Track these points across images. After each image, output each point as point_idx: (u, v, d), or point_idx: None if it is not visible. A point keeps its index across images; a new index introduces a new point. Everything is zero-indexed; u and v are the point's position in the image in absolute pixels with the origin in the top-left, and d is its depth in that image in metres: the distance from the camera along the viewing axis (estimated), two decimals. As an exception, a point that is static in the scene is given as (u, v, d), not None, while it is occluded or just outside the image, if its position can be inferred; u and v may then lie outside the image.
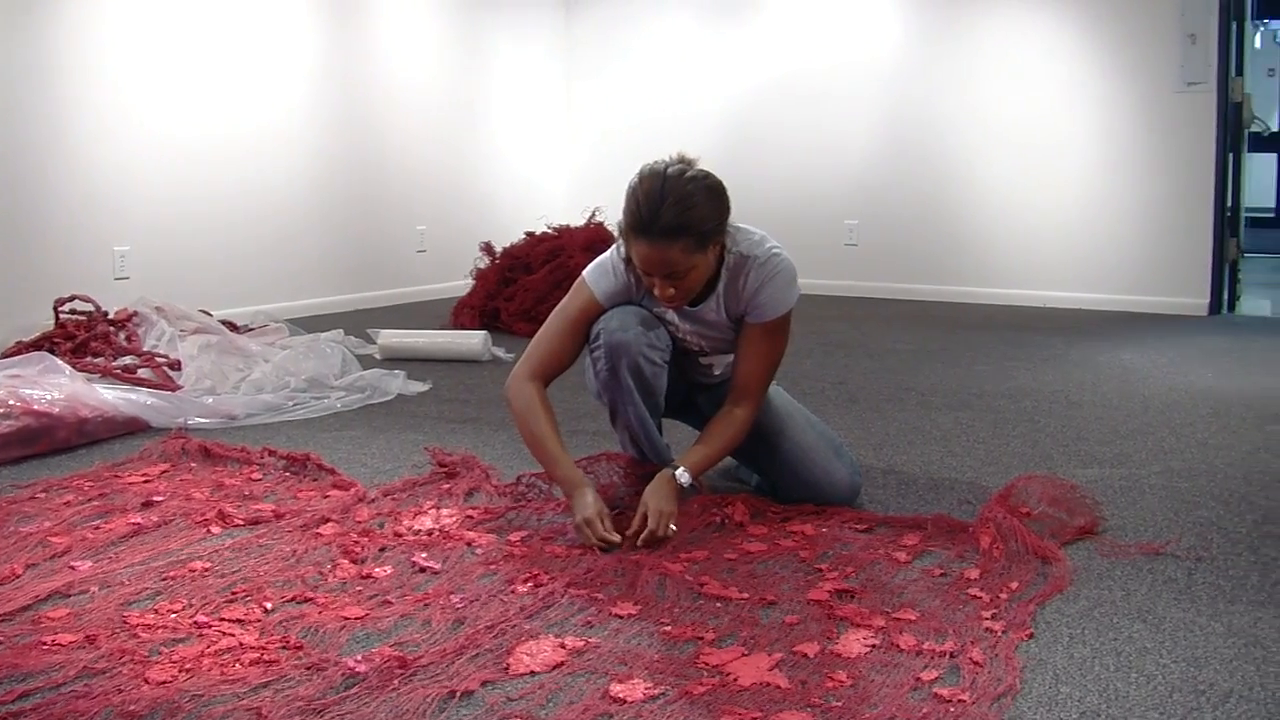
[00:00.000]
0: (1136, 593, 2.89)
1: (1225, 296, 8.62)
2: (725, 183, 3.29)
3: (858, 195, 9.44)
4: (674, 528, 3.21)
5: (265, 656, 2.44)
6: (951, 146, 9.11)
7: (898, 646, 2.52)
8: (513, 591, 2.83)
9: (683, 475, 3.31)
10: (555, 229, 7.87)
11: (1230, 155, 8.55)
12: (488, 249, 7.90)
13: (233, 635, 2.55)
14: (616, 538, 3.14)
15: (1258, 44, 13.08)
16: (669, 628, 2.62)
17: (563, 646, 2.50)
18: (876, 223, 9.40)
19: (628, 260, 3.33)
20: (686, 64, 9.98)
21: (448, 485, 3.76)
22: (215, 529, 3.34)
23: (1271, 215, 13.29)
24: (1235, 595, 2.89)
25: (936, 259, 9.21)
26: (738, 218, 3.37)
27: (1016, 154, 8.89)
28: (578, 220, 7.94)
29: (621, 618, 2.69)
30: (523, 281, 7.49)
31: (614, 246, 3.42)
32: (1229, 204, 8.57)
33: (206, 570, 2.98)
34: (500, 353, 6.27)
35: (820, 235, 9.43)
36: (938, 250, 9.20)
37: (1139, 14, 8.50)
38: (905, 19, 9.23)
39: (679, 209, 3.13)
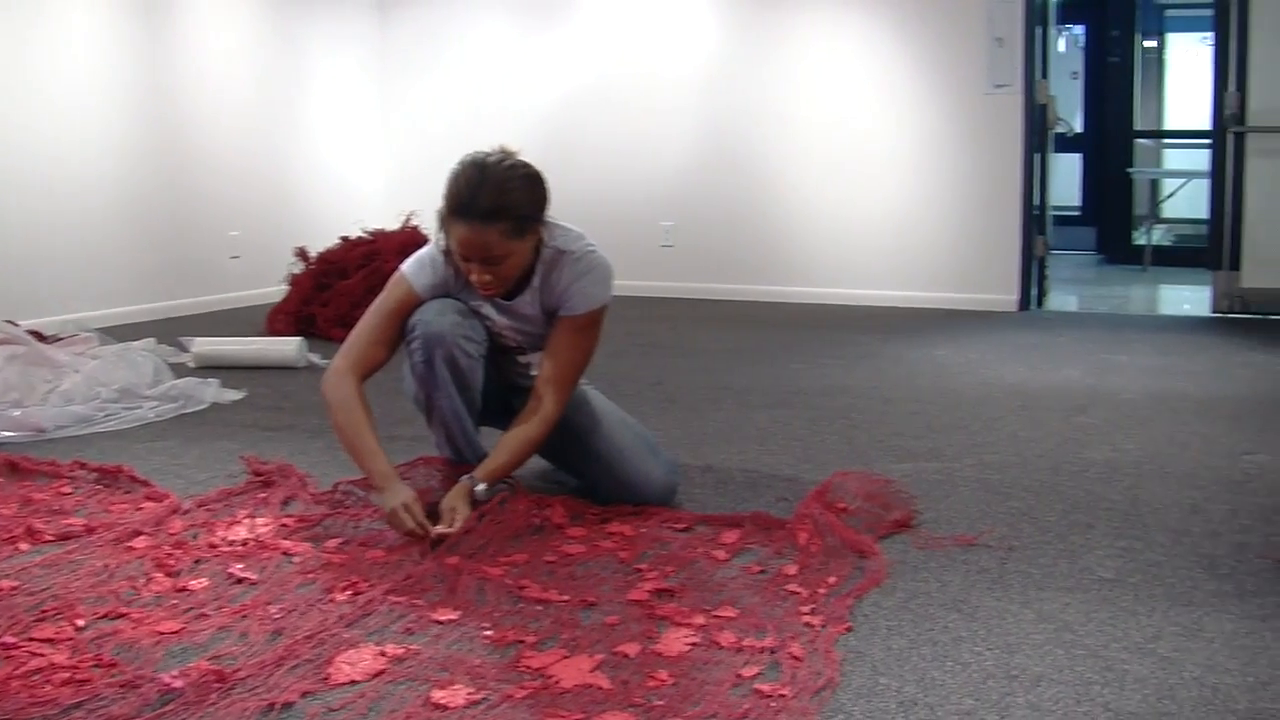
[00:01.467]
0: (951, 583, 2.95)
1: (1034, 293, 8.83)
2: (543, 184, 3.32)
3: (673, 196, 9.48)
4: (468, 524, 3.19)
5: (77, 676, 2.37)
6: (766, 147, 9.20)
7: (718, 644, 2.54)
8: (331, 600, 2.80)
9: (479, 488, 3.30)
10: (370, 233, 7.79)
11: (1036, 156, 8.76)
12: (302, 254, 7.79)
13: (42, 655, 2.47)
14: (427, 524, 3.12)
15: (1061, 48, 13.41)
16: (490, 632, 2.61)
17: (383, 654, 2.48)
18: (692, 224, 9.45)
19: (447, 252, 3.34)
20: (502, 67, 9.94)
21: (264, 494, 3.69)
22: (23, 546, 3.24)
23: (1077, 214, 13.63)
24: (1045, 583, 2.96)
25: (752, 259, 9.29)
26: (575, 227, 3.41)
27: (830, 155, 9.01)
28: (393, 224, 7.87)
29: (442, 623, 2.67)
30: (338, 287, 7.40)
31: (433, 241, 3.41)
32: (1036, 203, 8.78)
33: (14, 589, 2.89)
34: (316, 359, 6.19)
35: (636, 236, 9.45)
36: (754, 251, 9.28)
37: (948, 18, 8.67)
38: (720, 22, 9.29)
39: (497, 192, 3.18)
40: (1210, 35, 8.86)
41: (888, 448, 4.42)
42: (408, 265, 3.48)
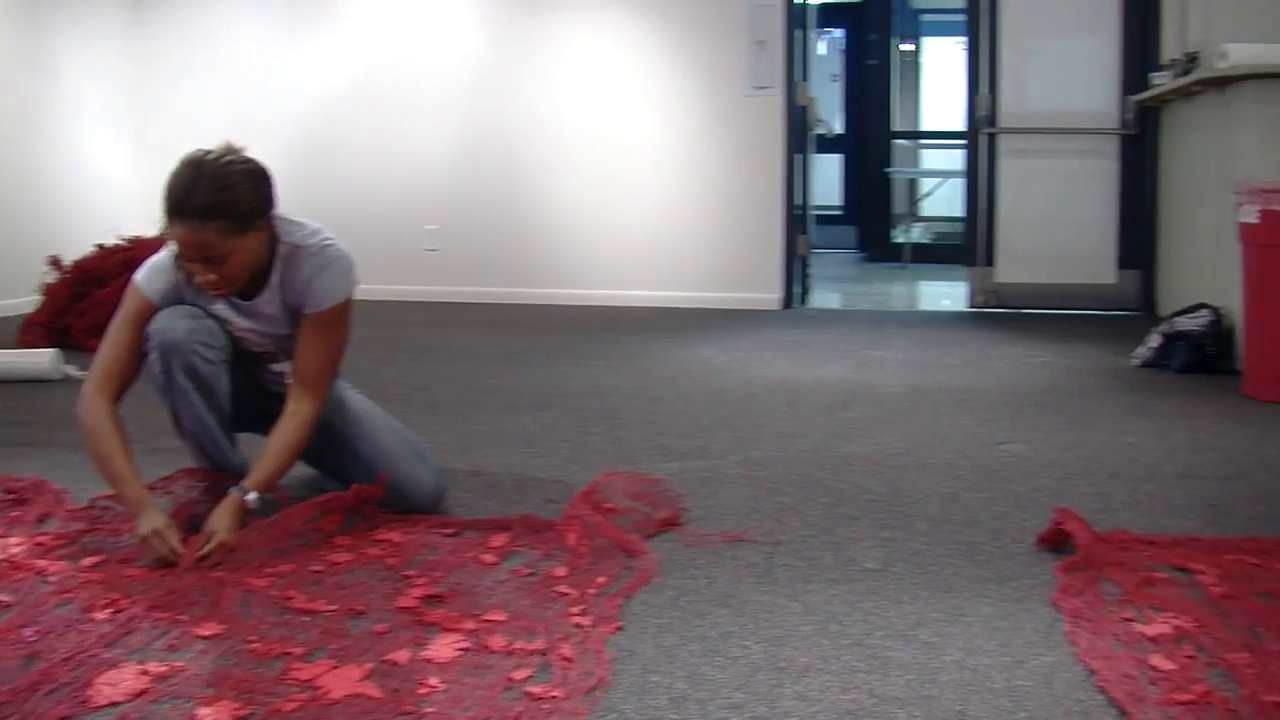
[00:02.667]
0: (720, 579, 2.98)
1: (797, 291, 9.00)
2: (304, 188, 3.26)
3: (438, 199, 9.41)
4: (226, 546, 3.11)
5: None
6: (531, 149, 9.20)
7: (488, 648, 2.52)
8: (91, 620, 2.71)
9: (250, 498, 3.23)
10: (128, 240, 7.59)
11: (797, 156, 8.93)
12: (55, 262, 7.55)
13: None
14: (179, 549, 3.04)
15: (822, 51, 13.69)
16: (256, 645, 2.55)
17: (145, 673, 2.41)
18: (457, 227, 9.39)
19: (177, 257, 3.26)
20: (263, 66, 9.75)
21: (16, 512, 3.56)
22: None
23: (838, 213, 13.92)
24: (812, 575, 3.01)
25: (519, 262, 9.28)
26: (312, 222, 3.35)
27: (595, 156, 9.05)
28: (152, 230, 7.67)
29: (206, 638, 2.60)
30: (95, 296, 7.18)
31: (166, 246, 3.33)
32: (797, 203, 8.95)
33: None
34: (73, 371, 6.00)
35: (400, 240, 9.36)
36: (520, 253, 9.27)
37: (710, 21, 8.78)
38: (481, 23, 9.25)
39: (214, 189, 3.11)
40: (964, 39, 9.12)
41: (655, 447, 4.45)
42: (141, 274, 3.38)
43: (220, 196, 3.12)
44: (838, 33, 14.18)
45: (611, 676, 2.39)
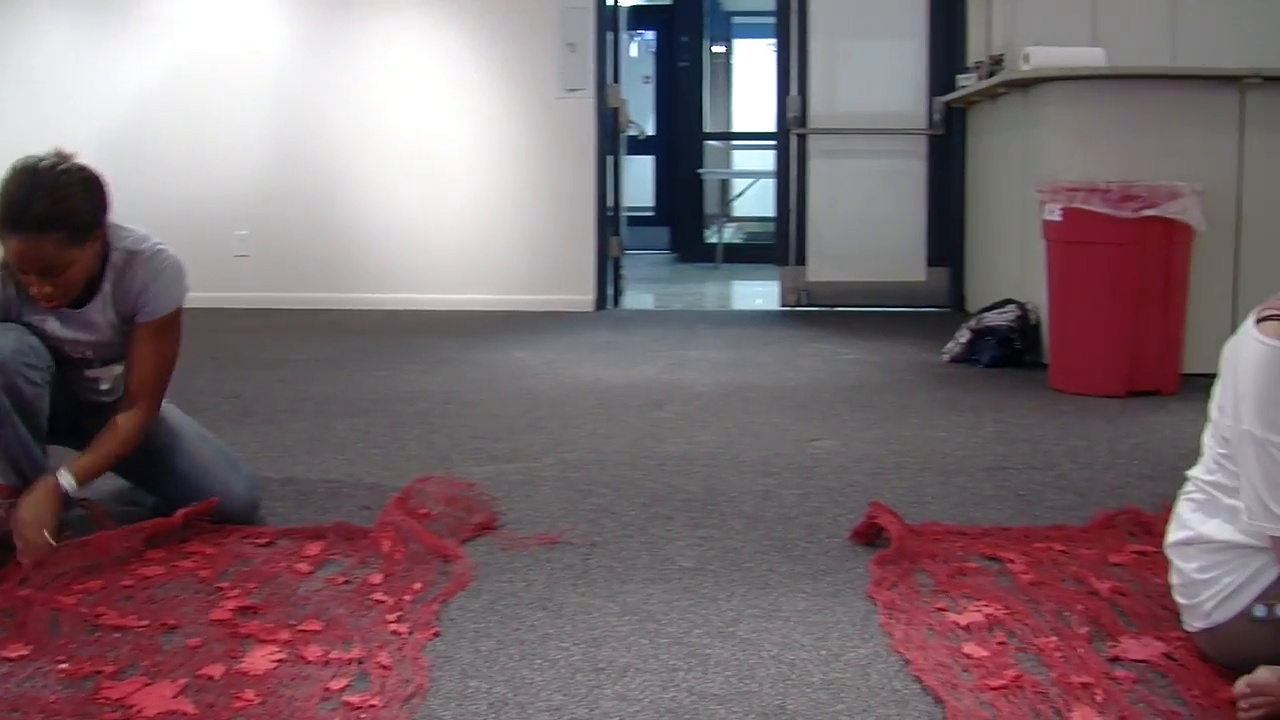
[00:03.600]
0: (536, 582, 2.96)
1: (610, 292, 9.01)
2: (110, 192, 3.17)
3: (248, 204, 9.22)
4: (50, 539, 3.03)
5: None
6: (343, 153, 9.07)
7: (304, 659, 2.48)
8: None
9: (65, 478, 3.13)
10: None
11: (609, 158, 8.94)
12: None
13: None
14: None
15: (634, 53, 13.74)
16: (65, 665, 2.47)
17: (-57, 699, 2.32)
18: (268, 232, 9.22)
19: (6, 267, 3.15)
20: (66, 69, 9.48)
21: None
22: None
23: (651, 214, 13.98)
24: (628, 575, 3.01)
25: (332, 267, 9.14)
26: (138, 227, 3.27)
27: (408, 160, 8.96)
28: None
29: (12, 660, 2.50)
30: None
31: None
32: (610, 204, 8.96)
33: None
34: None
35: (209, 246, 9.12)
36: (333, 258, 9.13)
37: (521, 23, 8.75)
38: (290, 25, 9.09)
39: (51, 200, 3.02)
40: (774, 41, 9.21)
41: (469, 451, 4.42)
42: (-32, 287, 3.27)
43: (59, 208, 3.03)
44: (649, 35, 14.25)
45: (429, 683, 2.36)
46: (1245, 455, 2.29)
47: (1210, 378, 2.43)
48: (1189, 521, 2.48)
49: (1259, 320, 2.30)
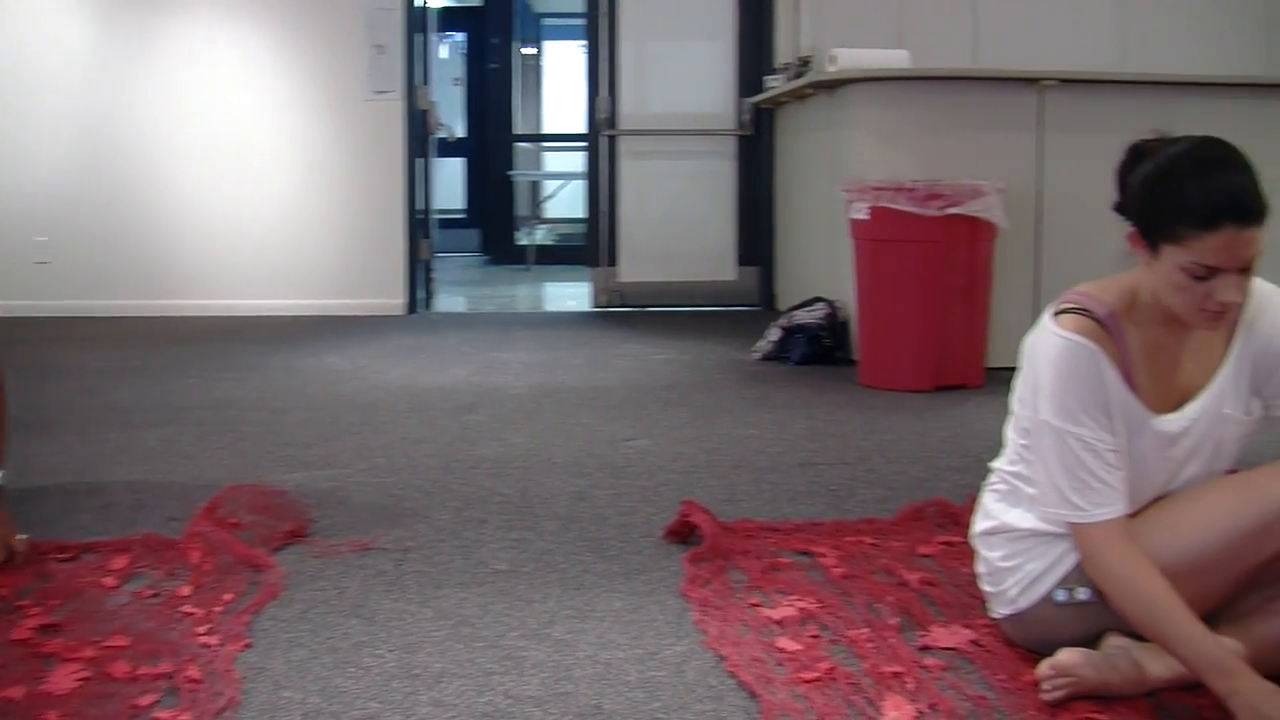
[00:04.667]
0: (349, 589, 2.93)
1: (421, 296, 8.94)
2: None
3: (48, 209, 8.95)
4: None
5: None
6: (148, 156, 8.85)
7: (111, 676, 2.41)
8: None
9: None
10: None
11: (419, 160, 8.88)
12: None
13: None
14: None
15: (444, 54, 13.65)
16: None
17: None
18: (70, 238, 8.96)
19: None
20: None
21: None
22: None
23: (462, 217, 13.91)
24: (442, 580, 2.99)
25: (137, 273, 8.92)
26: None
27: (214, 164, 8.78)
28: None
29: None
30: None
31: None
32: (419, 207, 8.90)
33: None
34: None
35: (6, 253, 8.90)
36: (138, 264, 8.92)
37: (328, 25, 8.64)
38: (91, 26, 8.85)
39: None
40: (584, 43, 9.23)
41: (279, 458, 4.35)
42: None
43: None
44: (459, 36, 14.17)
45: (241, 695, 2.32)
46: (1043, 445, 2.36)
47: (1014, 371, 2.48)
48: (993, 511, 2.54)
49: (1056, 314, 2.36)
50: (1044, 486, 2.39)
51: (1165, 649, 2.25)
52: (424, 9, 9.11)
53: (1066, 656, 2.29)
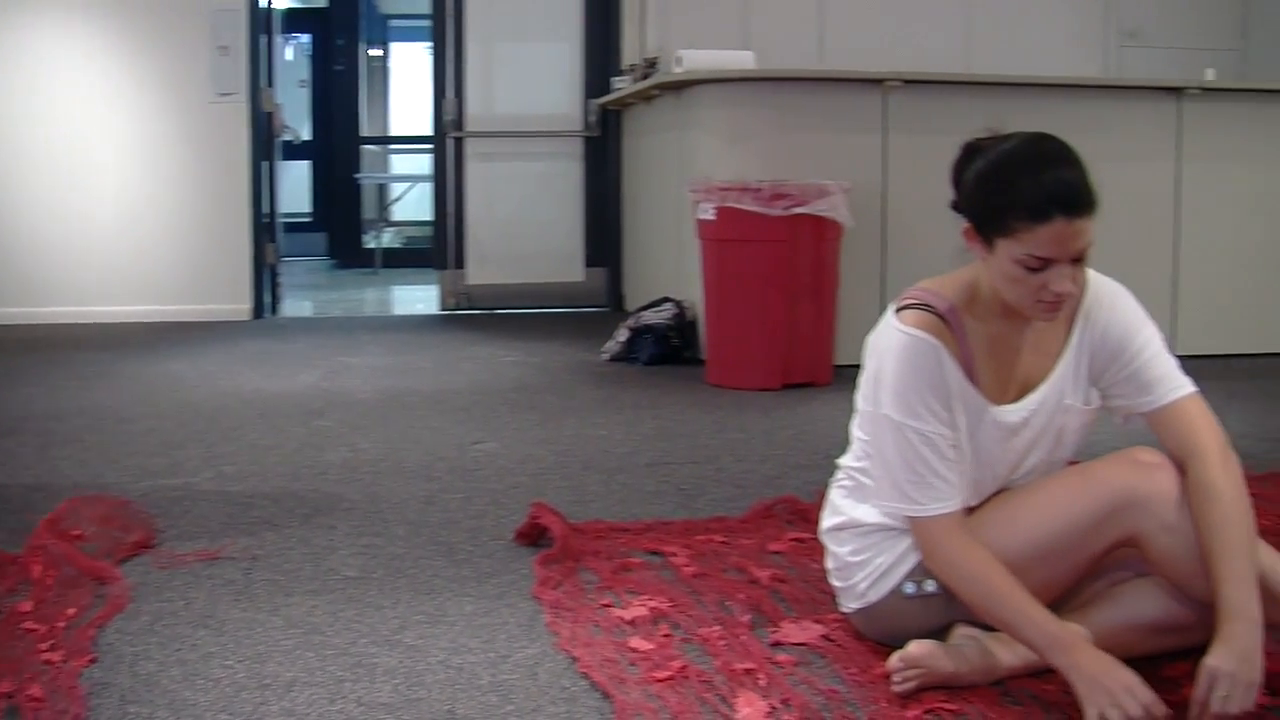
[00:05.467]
0: (197, 600, 2.89)
1: (267, 300, 8.83)
2: None
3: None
4: None
5: None
6: (-18, 161, 8.67)
7: (-55, 696, 2.36)
8: None
9: None
10: None
11: (264, 164, 8.77)
12: None
13: None
14: None
15: (289, 56, 13.51)
16: None
17: None
18: (-100, 247, 8.74)
19: None
20: None
21: None
22: None
23: (308, 220, 13.76)
24: (292, 588, 2.96)
25: (-28, 282, 8.72)
26: None
27: (55, 168, 8.57)
28: None
29: None
30: None
31: None
32: (265, 211, 8.79)
33: None
34: None
35: None
36: (-28, 272, 8.72)
37: (170, 26, 8.49)
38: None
39: None
40: (430, 44, 9.18)
41: (124, 468, 4.27)
42: None
43: None
44: (304, 38, 14.03)
45: (87, 713, 2.27)
46: (883, 439, 2.40)
47: (860, 368, 2.51)
48: (841, 507, 2.58)
49: (898, 310, 2.40)
50: (882, 480, 2.43)
51: (1007, 633, 2.31)
52: (268, 10, 8.99)
53: (916, 648, 2.33)
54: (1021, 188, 2.24)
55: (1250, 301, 6.88)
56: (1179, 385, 2.44)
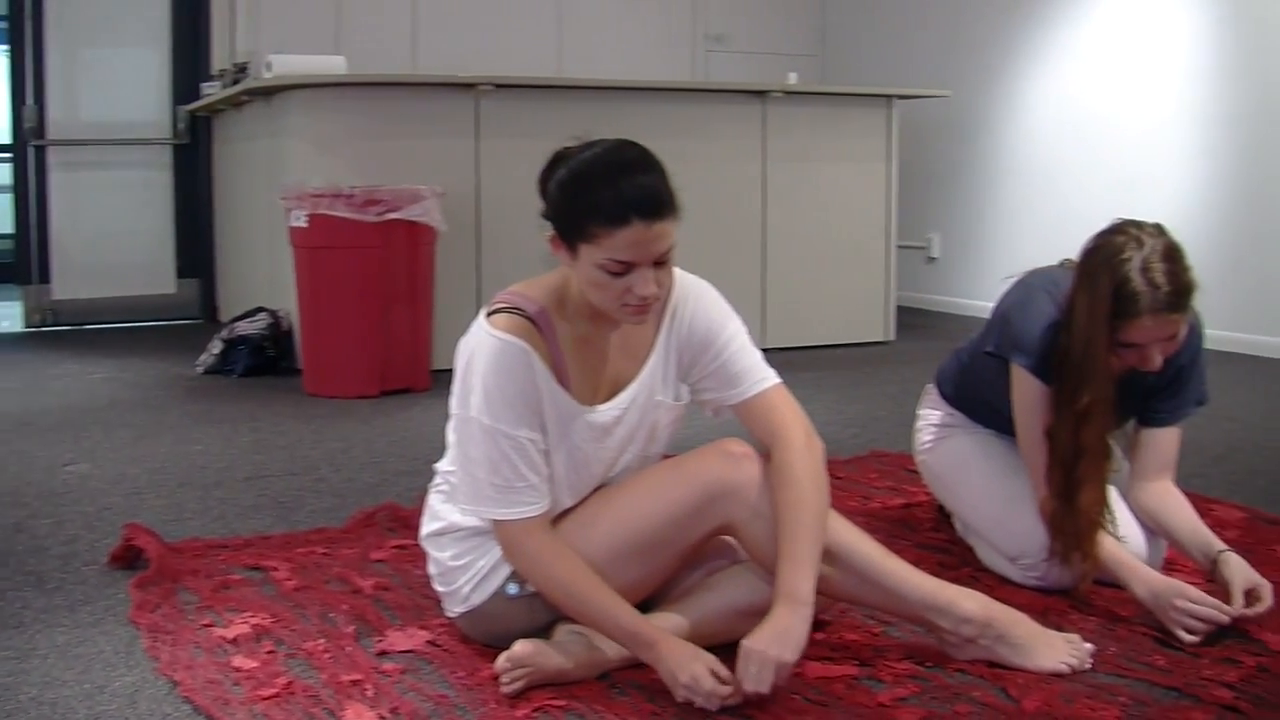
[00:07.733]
0: None
1: None
2: None
3: None
4: None
5: None
6: None
7: None
8: None
9: None
10: None
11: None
12: None
13: None
14: None
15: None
16: None
17: None
18: None
19: None
20: None
21: None
22: None
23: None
24: None
25: None
26: None
27: None
28: None
29: None
30: None
31: None
32: None
33: None
34: None
35: None
36: None
37: None
38: None
39: None
40: (7, 47, 8.75)
41: None
42: None
43: None
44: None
45: None
46: (471, 442, 2.42)
47: (455, 373, 2.53)
48: (440, 512, 2.59)
49: (489, 314, 2.43)
50: (465, 481, 2.46)
51: (594, 629, 2.38)
52: None
53: (522, 648, 2.36)
54: (599, 194, 2.29)
55: (832, 295, 7.22)
56: (764, 377, 2.54)
